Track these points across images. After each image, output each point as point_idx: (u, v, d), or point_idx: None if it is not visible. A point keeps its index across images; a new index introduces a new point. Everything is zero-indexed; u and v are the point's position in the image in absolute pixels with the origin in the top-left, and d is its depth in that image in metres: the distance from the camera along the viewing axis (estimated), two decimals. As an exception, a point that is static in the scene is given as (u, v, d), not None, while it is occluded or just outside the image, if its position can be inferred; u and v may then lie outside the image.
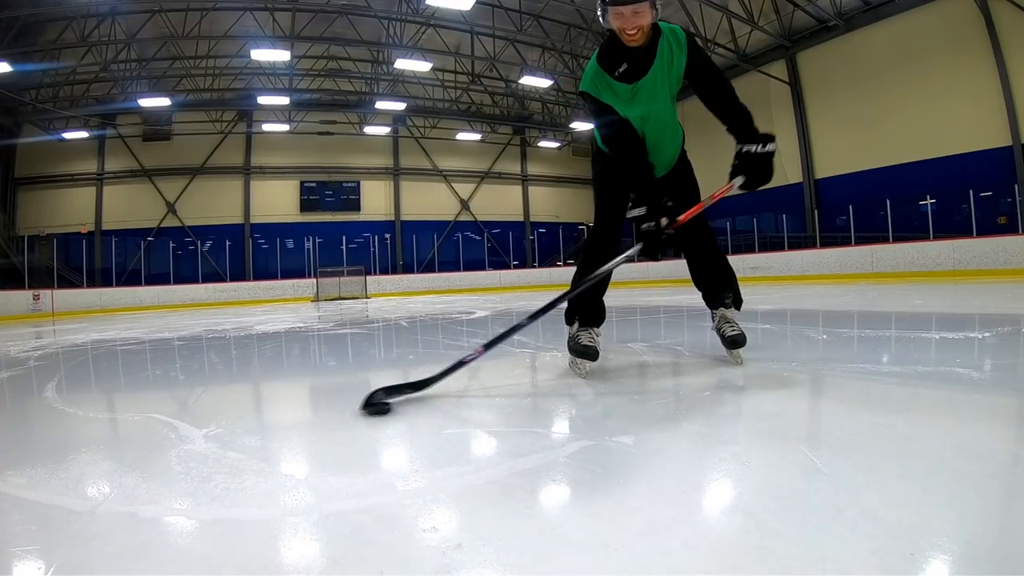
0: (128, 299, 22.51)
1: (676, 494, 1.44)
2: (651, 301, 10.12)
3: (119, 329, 9.95)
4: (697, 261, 3.42)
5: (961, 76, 18.15)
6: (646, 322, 6.54)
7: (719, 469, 1.65)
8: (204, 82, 26.06)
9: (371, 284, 25.63)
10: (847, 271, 18.23)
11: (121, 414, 2.91)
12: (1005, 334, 4.32)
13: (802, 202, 23.08)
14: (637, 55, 2.90)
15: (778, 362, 3.32)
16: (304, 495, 1.56)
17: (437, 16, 22.00)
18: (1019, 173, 17.05)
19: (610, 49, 2.94)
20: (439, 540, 1.22)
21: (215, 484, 1.65)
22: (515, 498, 1.46)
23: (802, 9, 20.59)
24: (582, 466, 1.68)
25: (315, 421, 2.65)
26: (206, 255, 28.07)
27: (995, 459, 1.62)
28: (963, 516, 1.24)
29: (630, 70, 2.92)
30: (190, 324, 10.48)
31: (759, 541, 1.17)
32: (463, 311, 10.38)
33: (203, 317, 13.25)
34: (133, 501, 1.56)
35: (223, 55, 23.57)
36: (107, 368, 5.02)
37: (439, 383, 2.80)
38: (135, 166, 28.10)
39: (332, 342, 6.35)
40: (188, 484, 1.68)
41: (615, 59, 2.93)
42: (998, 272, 14.93)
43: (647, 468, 1.65)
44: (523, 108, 32.53)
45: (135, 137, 28.03)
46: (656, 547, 1.16)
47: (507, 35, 23.54)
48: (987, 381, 2.71)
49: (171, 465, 1.87)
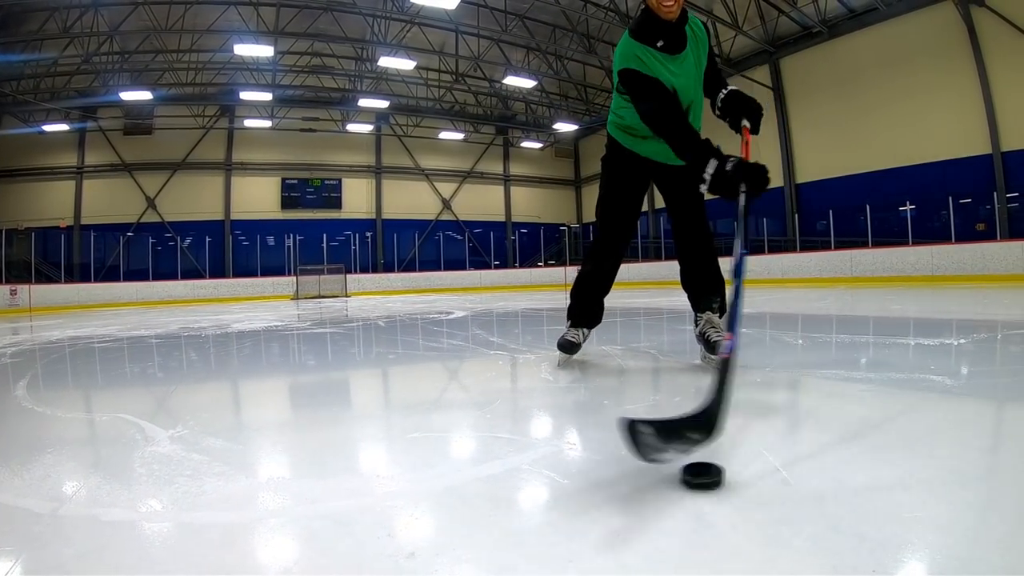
0: (106, 295, 22.34)
1: (637, 504, 1.43)
2: (632, 304, 10.14)
3: (96, 326, 9.86)
4: (691, 261, 3.44)
5: (943, 85, 18.39)
6: (625, 324, 6.55)
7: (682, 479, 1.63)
8: (186, 76, 25.86)
9: (351, 283, 25.58)
10: (826, 275, 18.39)
11: (89, 414, 2.88)
12: (981, 340, 4.36)
13: (783, 206, 23.28)
14: (674, 28, 2.90)
15: (753, 368, 3.32)
16: (263, 500, 1.54)
17: (422, 14, 22.02)
18: (998, 180, 17.27)
19: (644, 25, 2.93)
20: (393, 548, 1.21)
21: (176, 487, 1.63)
22: (473, 505, 1.45)
23: (786, 15, 20.73)
24: (543, 473, 1.67)
25: (283, 423, 2.62)
26: (186, 251, 27.93)
27: (966, 470, 1.60)
28: (930, 530, 1.22)
29: (668, 44, 2.91)
30: (167, 321, 10.40)
31: (718, 555, 1.15)
32: (442, 311, 10.37)
33: (181, 314, 13.15)
34: (94, 503, 1.54)
35: (206, 49, 23.40)
36: (80, 366, 4.99)
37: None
38: (115, 160, 27.90)
39: (310, 341, 6.32)
40: (149, 487, 1.66)
41: (652, 34, 2.91)
42: (976, 278, 15.10)
43: (609, 476, 1.64)
44: (506, 108, 32.55)
45: (116, 131, 27.85)
46: (614, 560, 1.14)
47: (492, 35, 23.54)
48: (961, 389, 2.71)
49: (134, 467, 1.85)
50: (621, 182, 3.40)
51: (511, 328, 6.98)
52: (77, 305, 21.03)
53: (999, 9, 16.82)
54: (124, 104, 25.75)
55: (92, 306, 21.03)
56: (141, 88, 23.75)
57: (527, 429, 2.30)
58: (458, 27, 23.00)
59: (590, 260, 3.61)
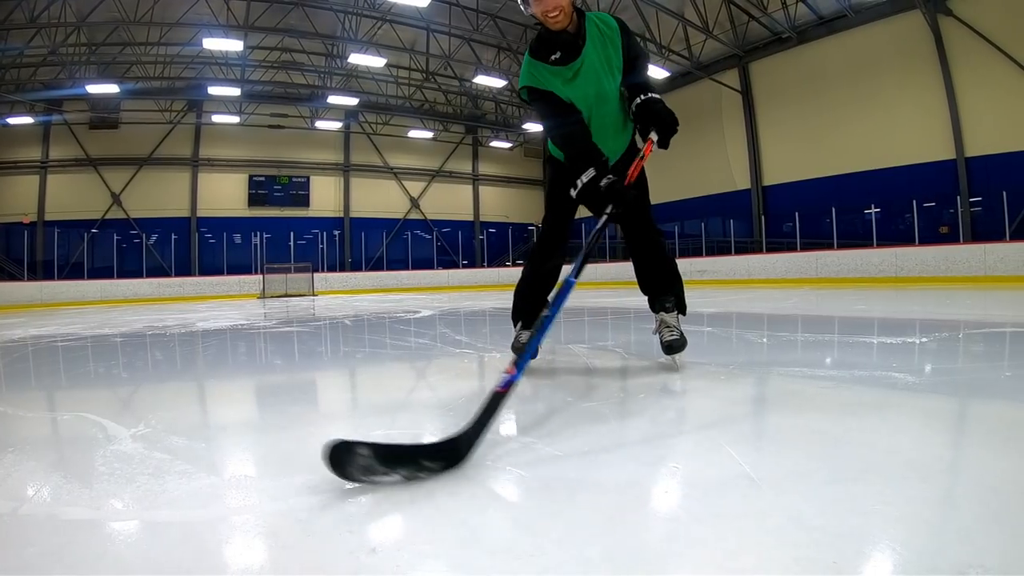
0: (70, 293, 21.93)
1: (599, 499, 1.45)
2: (600, 303, 10.19)
3: (59, 324, 9.70)
4: (642, 263, 3.45)
5: (909, 91, 18.78)
6: (593, 324, 6.58)
7: (645, 474, 1.65)
8: (154, 70, 25.40)
9: (319, 281, 25.38)
10: (792, 276, 18.64)
11: (52, 413, 2.84)
12: (943, 339, 4.45)
13: (750, 208, 23.55)
14: (566, 39, 2.94)
15: (718, 365, 3.36)
16: (225, 498, 1.54)
17: (393, 12, 21.95)
18: (961, 185, 17.65)
19: (540, 42, 3.00)
20: (355, 545, 1.22)
21: (137, 486, 1.62)
22: (436, 502, 1.46)
23: (757, 20, 20.95)
24: (506, 470, 1.69)
25: (247, 422, 2.61)
26: (151, 249, 27.52)
27: (926, 464, 1.64)
28: (890, 522, 1.24)
29: (564, 55, 2.96)
30: (132, 320, 10.26)
31: (682, 549, 1.17)
32: (409, 310, 10.35)
33: (146, 313, 12.98)
34: (55, 503, 1.53)
35: (175, 43, 22.98)
36: (43, 365, 4.91)
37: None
38: (80, 154, 27.35)
39: (276, 340, 6.27)
40: (111, 485, 1.65)
41: (546, 49, 2.97)
42: (938, 279, 15.45)
43: (571, 472, 1.66)
44: (476, 107, 32.57)
45: (82, 124, 27.26)
46: (575, 554, 1.15)
47: (463, 34, 23.54)
48: (923, 385, 2.76)
49: (96, 466, 1.83)
50: (562, 187, 3.42)
51: (478, 327, 6.99)
52: (40, 303, 20.64)
53: (966, 18, 17.21)
54: (90, 97, 25.29)
55: (55, 304, 20.65)
56: (108, 81, 23.38)
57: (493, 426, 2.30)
58: (429, 25, 22.95)
59: (532, 261, 3.58)
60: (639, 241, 3.39)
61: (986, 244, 15.57)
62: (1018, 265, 14.46)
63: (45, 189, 26.78)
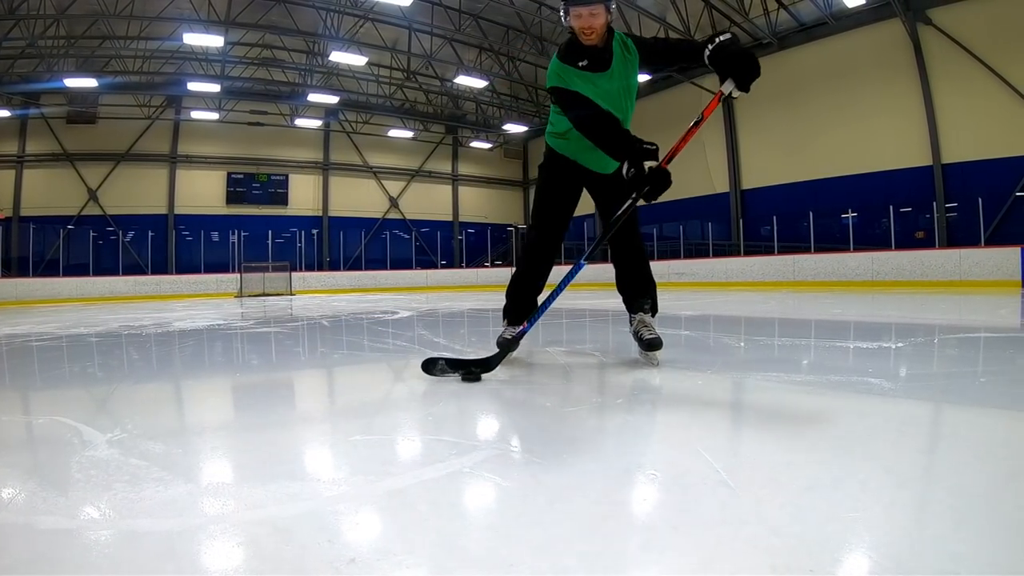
0: (46, 291, 21.74)
1: (576, 507, 1.45)
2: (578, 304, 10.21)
3: (33, 323, 9.58)
4: (624, 266, 3.64)
5: (887, 98, 19.02)
6: (570, 326, 6.60)
7: (623, 480, 1.66)
8: (134, 64, 25.11)
9: (296, 281, 25.28)
10: (769, 279, 18.82)
11: (26, 416, 2.79)
12: (919, 344, 4.51)
13: (728, 211, 23.72)
14: (594, 53, 3.12)
15: (694, 369, 3.40)
16: (203, 506, 1.53)
17: (376, 10, 21.86)
18: (937, 191, 17.88)
19: (570, 48, 3.18)
20: (333, 554, 1.21)
21: (114, 493, 1.60)
22: (415, 510, 1.46)
23: (738, 26, 21.05)
24: (485, 476, 1.69)
25: (225, 426, 2.59)
26: (128, 246, 27.16)
27: (903, 471, 1.65)
28: (867, 529, 1.25)
29: (592, 63, 3.14)
30: (108, 319, 10.15)
31: (659, 557, 1.17)
32: (388, 311, 10.34)
33: (122, 311, 12.85)
34: (30, 511, 1.50)
35: (155, 37, 22.69)
36: (16, 366, 4.83)
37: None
38: (57, 149, 26.88)
39: (253, 341, 6.23)
40: (87, 493, 1.62)
41: (576, 55, 3.15)
42: (914, 284, 15.66)
43: (549, 479, 1.66)
44: (457, 108, 32.53)
45: (59, 118, 26.82)
46: (553, 563, 1.16)
47: (445, 34, 23.53)
48: (899, 391, 2.78)
49: (71, 473, 1.81)
50: (556, 187, 3.58)
51: (456, 328, 6.99)
52: (15, 301, 20.36)
53: (945, 28, 17.47)
54: (68, 91, 24.96)
55: (31, 302, 20.41)
56: (86, 75, 23.06)
57: (469, 432, 2.31)
58: (411, 24, 22.91)
59: (524, 261, 3.75)
60: (626, 247, 3.56)
61: (961, 249, 15.81)
62: (992, 270, 14.70)
63: (21, 184, 26.32)
